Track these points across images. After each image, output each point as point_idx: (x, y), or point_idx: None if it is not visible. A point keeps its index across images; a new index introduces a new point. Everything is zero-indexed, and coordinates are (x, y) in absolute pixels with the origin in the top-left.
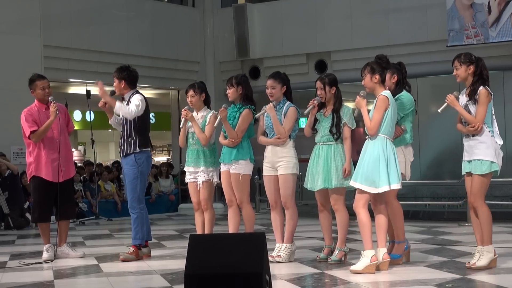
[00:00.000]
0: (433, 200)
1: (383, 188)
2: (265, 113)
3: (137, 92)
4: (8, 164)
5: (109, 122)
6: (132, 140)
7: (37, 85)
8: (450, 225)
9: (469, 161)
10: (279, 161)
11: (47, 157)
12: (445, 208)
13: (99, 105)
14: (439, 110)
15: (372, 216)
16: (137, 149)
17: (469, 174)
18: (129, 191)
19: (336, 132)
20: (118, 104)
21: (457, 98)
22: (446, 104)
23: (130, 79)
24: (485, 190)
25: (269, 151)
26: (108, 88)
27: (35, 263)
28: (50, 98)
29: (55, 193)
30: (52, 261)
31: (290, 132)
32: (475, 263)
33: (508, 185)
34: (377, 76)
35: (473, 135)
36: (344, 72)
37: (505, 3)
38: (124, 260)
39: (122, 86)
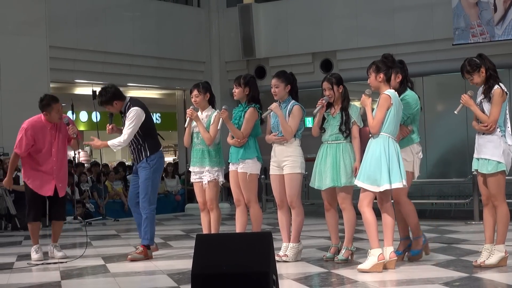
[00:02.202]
0: (439, 199)
1: (384, 187)
2: (271, 113)
3: (130, 102)
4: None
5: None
6: (142, 147)
7: (53, 108)
8: (457, 223)
9: (478, 159)
10: (284, 160)
11: (39, 171)
12: (452, 206)
13: (108, 132)
14: (455, 112)
15: (378, 215)
16: (148, 154)
17: (479, 172)
18: (141, 191)
19: (345, 130)
20: (110, 142)
21: (473, 98)
22: (461, 104)
23: (117, 96)
24: (503, 188)
25: (275, 150)
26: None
27: (42, 263)
28: (65, 119)
29: (45, 199)
30: (42, 262)
31: (296, 130)
32: (484, 261)
33: None
34: (382, 75)
35: (484, 133)
36: (350, 71)
37: (511, 1)
38: (133, 260)
39: (117, 105)
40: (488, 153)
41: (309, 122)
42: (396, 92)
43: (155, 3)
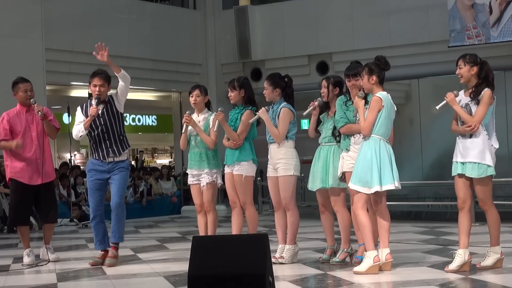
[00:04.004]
0: (435, 201)
1: (374, 188)
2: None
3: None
4: None
5: (84, 128)
6: (124, 138)
7: (20, 87)
8: (452, 225)
9: (463, 163)
10: (277, 162)
11: (23, 159)
12: (448, 208)
13: (92, 113)
14: (437, 107)
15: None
16: (129, 146)
17: (461, 175)
18: (120, 190)
19: (338, 134)
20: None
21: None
22: (445, 102)
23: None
24: (491, 192)
25: (270, 152)
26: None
27: (37, 265)
28: (32, 100)
29: (34, 196)
30: (34, 265)
31: (285, 133)
32: (480, 263)
33: (511, 185)
34: (375, 77)
35: (470, 136)
36: None
37: (506, 3)
38: (111, 265)
39: (107, 89)
40: (477, 157)
41: (305, 124)
42: (388, 94)
43: (151, 5)
